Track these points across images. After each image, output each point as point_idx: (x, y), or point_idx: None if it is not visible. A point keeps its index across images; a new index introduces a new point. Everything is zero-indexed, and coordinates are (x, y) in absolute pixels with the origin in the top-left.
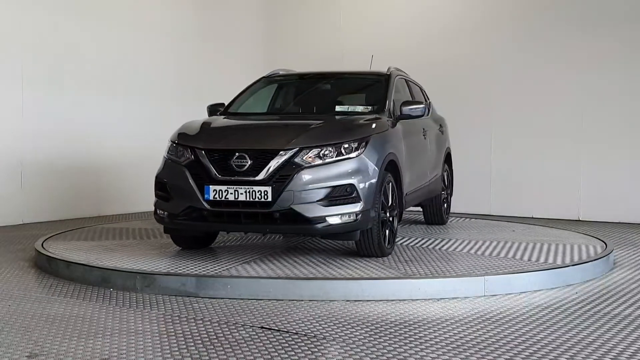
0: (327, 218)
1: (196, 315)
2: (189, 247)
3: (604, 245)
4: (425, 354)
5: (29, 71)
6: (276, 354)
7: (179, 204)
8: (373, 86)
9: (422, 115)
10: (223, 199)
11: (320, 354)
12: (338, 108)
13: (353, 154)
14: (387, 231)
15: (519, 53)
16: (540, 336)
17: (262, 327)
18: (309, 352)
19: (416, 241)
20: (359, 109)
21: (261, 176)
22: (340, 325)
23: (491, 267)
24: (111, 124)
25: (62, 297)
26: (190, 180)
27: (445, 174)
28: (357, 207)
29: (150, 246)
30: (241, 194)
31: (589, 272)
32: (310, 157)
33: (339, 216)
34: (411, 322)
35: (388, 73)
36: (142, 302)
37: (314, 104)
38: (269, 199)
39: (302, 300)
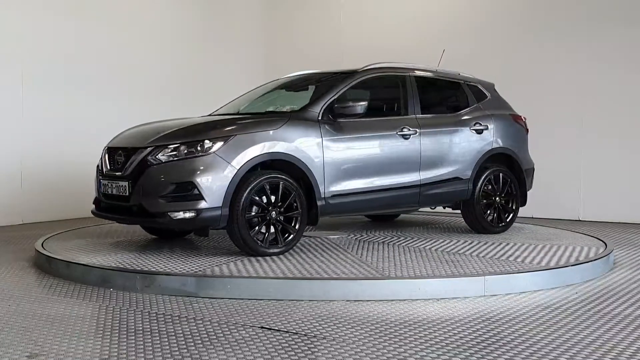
0: (168, 213)
1: (196, 315)
2: (161, 236)
3: (604, 245)
4: (425, 354)
5: (29, 71)
6: (276, 354)
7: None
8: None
9: (359, 114)
10: (106, 192)
11: (320, 354)
12: (270, 108)
13: (204, 153)
14: (268, 231)
15: (519, 53)
16: (540, 336)
17: (262, 327)
18: (309, 352)
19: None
20: (286, 108)
21: (124, 172)
22: (340, 325)
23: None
24: (111, 124)
25: (62, 297)
26: (97, 175)
27: (492, 177)
28: (198, 205)
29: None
30: (113, 188)
31: (589, 272)
32: (163, 155)
33: (180, 212)
34: (411, 322)
35: (359, 70)
36: (142, 302)
37: (271, 105)
38: (127, 193)
39: (302, 300)
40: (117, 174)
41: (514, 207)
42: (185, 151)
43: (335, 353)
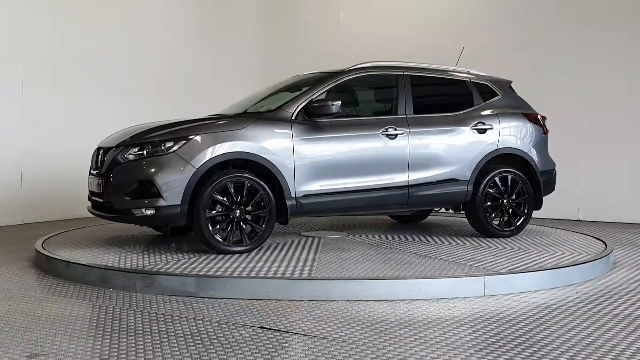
0: (132, 210)
1: (196, 315)
2: (163, 234)
3: (604, 245)
4: (425, 354)
5: (29, 72)
6: (276, 354)
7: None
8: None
9: (334, 113)
10: (91, 189)
11: (320, 354)
12: (251, 109)
13: (165, 152)
14: (232, 229)
15: (518, 53)
16: (540, 336)
17: (262, 327)
18: (309, 352)
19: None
20: (263, 108)
21: (100, 171)
22: (340, 325)
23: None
24: (111, 124)
25: (62, 297)
26: (89, 173)
27: (498, 179)
28: (157, 203)
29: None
30: (94, 185)
31: (589, 272)
32: (130, 154)
33: (141, 209)
34: (411, 322)
35: (345, 70)
36: (142, 302)
37: (261, 106)
38: (101, 191)
39: (302, 300)
40: (96, 172)
41: (525, 211)
42: (150, 150)
43: (335, 353)
